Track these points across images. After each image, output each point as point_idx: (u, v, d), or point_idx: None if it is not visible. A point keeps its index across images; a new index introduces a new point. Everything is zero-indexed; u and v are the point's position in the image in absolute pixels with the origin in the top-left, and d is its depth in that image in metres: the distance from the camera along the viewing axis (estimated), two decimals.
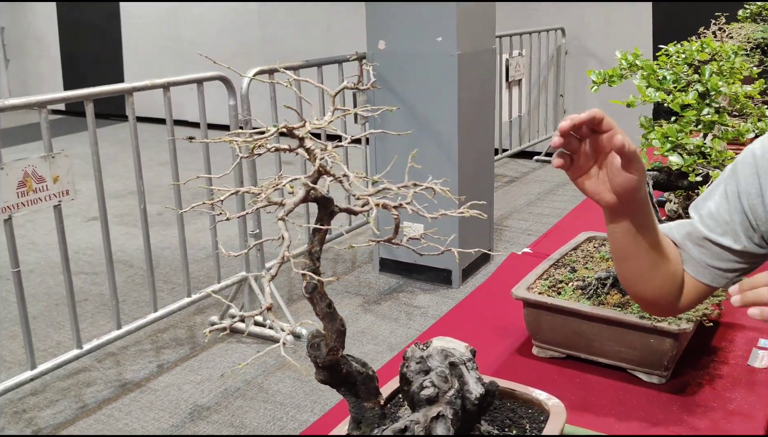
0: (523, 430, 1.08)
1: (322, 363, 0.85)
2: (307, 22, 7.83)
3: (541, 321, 1.62)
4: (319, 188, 0.78)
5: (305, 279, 0.78)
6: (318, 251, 0.79)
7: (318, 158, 0.71)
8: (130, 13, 9.12)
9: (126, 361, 3.27)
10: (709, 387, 1.53)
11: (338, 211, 0.80)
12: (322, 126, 0.73)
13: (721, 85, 1.69)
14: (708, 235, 1.15)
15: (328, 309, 0.81)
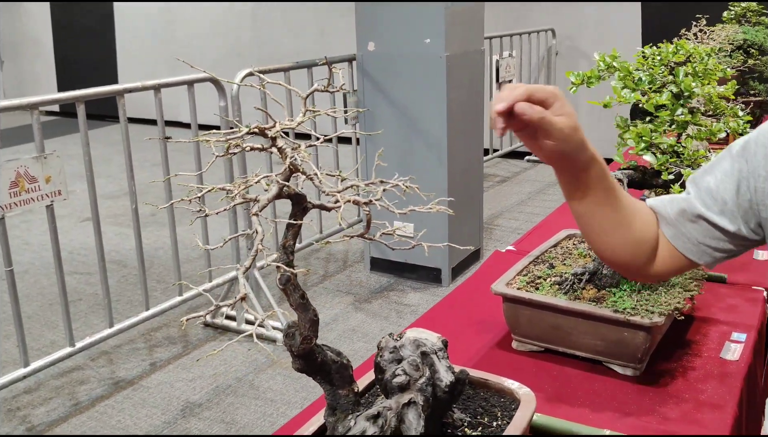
0: (494, 418, 1.12)
1: (297, 352, 0.90)
2: (299, 24, 7.88)
3: (519, 316, 1.67)
4: (292, 185, 0.82)
5: (279, 271, 0.83)
6: (291, 245, 0.84)
7: (288, 156, 0.76)
8: (124, 15, 9.16)
9: (119, 360, 3.31)
10: (682, 378, 1.58)
11: (311, 207, 0.85)
12: (292, 127, 0.77)
13: (694, 86, 1.74)
14: (704, 213, 1.12)
15: (302, 300, 0.86)
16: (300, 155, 0.75)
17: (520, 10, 6.65)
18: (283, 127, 0.77)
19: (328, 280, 4.16)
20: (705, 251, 1.16)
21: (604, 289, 1.63)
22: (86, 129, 2.88)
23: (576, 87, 1.85)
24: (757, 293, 1.94)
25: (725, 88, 1.81)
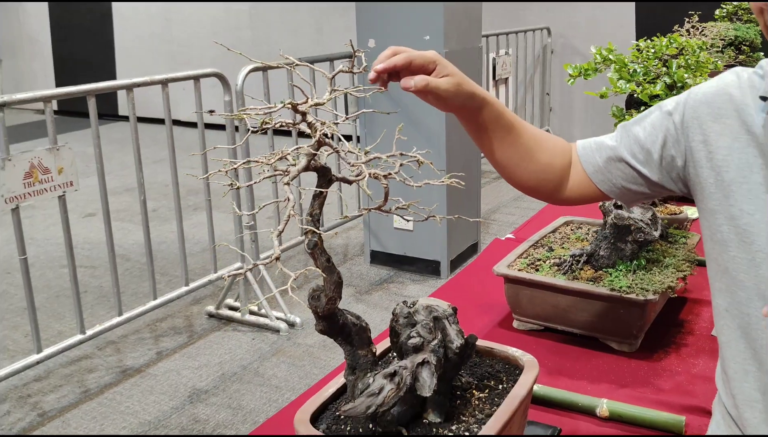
0: (500, 381, 1.21)
1: (322, 313, 0.97)
2: (297, 23, 7.96)
3: (520, 296, 1.75)
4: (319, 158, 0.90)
5: (307, 237, 0.91)
6: (318, 214, 0.92)
7: (318, 130, 0.84)
8: (122, 14, 9.22)
9: (126, 349, 3.38)
10: (675, 354, 1.67)
11: (335, 179, 0.93)
12: (323, 103, 0.85)
13: (686, 77, 1.83)
14: (629, 160, 1.19)
15: (327, 263, 0.93)
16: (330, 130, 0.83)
17: (516, 9, 6.74)
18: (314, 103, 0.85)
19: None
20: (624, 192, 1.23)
21: (600, 270, 1.71)
22: (96, 123, 2.95)
23: (573, 79, 1.94)
24: None
25: None
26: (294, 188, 0.84)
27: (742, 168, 1.06)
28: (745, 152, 1.07)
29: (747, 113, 1.08)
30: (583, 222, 2.06)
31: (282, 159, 0.91)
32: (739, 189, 1.07)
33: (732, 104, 1.09)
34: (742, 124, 1.08)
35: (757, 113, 1.07)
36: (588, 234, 1.97)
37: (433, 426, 1.08)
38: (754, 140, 1.06)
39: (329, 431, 1.08)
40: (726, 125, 1.09)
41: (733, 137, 1.08)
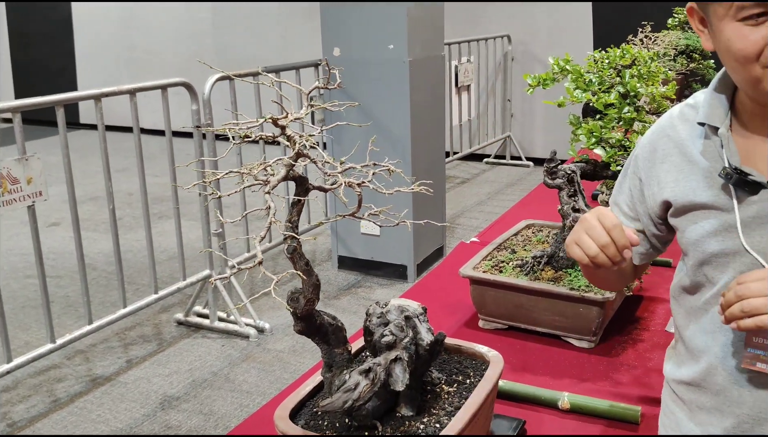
0: (467, 376, 1.28)
1: (301, 313, 1.03)
2: (262, 30, 7.98)
3: (485, 296, 1.83)
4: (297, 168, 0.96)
5: (287, 242, 0.97)
6: (296, 221, 0.98)
7: (297, 143, 0.90)
8: (82, 20, 9.13)
9: (95, 358, 3.39)
10: (632, 349, 1.76)
11: (312, 188, 0.99)
12: (300, 117, 0.92)
13: (639, 86, 1.93)
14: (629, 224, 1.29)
15: (306, 267, 1.00)
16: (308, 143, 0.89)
17: (477, 18, 6.87)
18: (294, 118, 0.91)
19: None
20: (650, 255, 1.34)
21: (561, 270, 1.80)
22: (65, 132, 2.96)
23: (533, 88, 2.03)
24: None
25: (667, 89, 2.00)
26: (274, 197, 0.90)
27: (688, 194, 1.18)
28: (689, 180, 1.18)
29: (686, 146, 1.20)
30: (544, 225, 2.15)
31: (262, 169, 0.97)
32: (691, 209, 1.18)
33: (672, 143, 1.21)
34: (684, 157, 1.19)
35: (694, 142, 1.19)
36: (548, 237, 2.05)
37: (405, 420, 1.15)
38: (695, 168, 1.18)
39: (307, 426, 1.14)
40: (671, 163, 1.21)
41: (678, 170, 1.20)
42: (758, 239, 1.11)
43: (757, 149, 1.14)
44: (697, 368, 1.21)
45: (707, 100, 1.18)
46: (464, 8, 6.83)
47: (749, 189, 1.12)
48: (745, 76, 1.07)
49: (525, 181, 6.43)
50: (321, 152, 0.91)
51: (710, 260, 1.16)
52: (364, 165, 0.96)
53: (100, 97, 3.00)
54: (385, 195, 1.10)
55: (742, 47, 1.04)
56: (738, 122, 1.17)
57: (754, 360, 1.13)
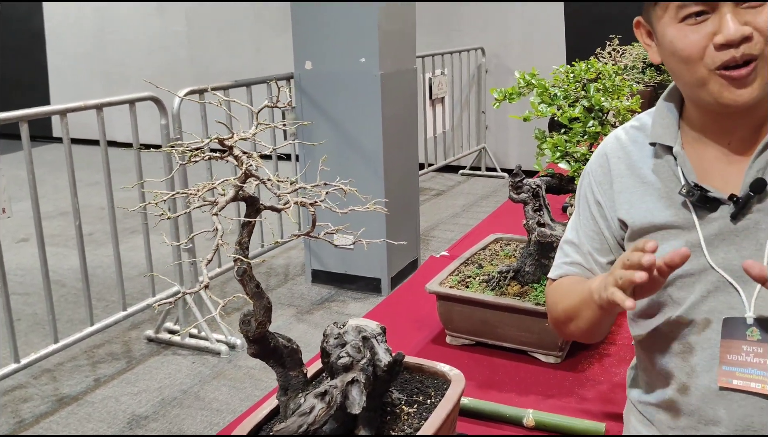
0: (428, 396, 1.26)
1: (253, 337, 1.01)
2: (235, 43, 7.95)
3: (452, 312, 1.81)
4: (246, 189, 0.94)
5: (236, 264, 0.95)
6: (246, 242, 0.96)
7: (244, 163, 0.88)
8: (54, 34, 9.05)
9: (62, 377, 3.32)
10: (598, 364, 1.76)
11: (263, 208, 0.97)
12: (248, 138, 0.90)
13: (603, 100, 1.93)
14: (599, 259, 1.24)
15: (257, 289, 0.97)
16: (255, 163, 0.87)
17: (451, 30, 6.89)
18: (240, 138, 0.89)
19: (269, 293, 4.22)
20: None
21: (527, 285, 1.79)
22: (29, 148, 2.92)
23: (499, 103, 2.03)
24: None
25: (631, 102, 2.01)
26: (223, 218, 0.88)
27: (645, 216, 1.16)
28: (644, 201, 1.17)
29: (637, 167, 1.19)
30: (512, 239, 2.15)
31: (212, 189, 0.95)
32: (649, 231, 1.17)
33: (622, 164, 1.21)
34: (637, 178, 1.19)
35: (645, 162, 1.18)
36: (516, 251, 2.05)
37: None
38: (650, 188, 1.17)
39: None
40: (622, 183, 1.20)
41: (631, 192, 1.19)
42: (723, 255, 1.10)
43: (712, 165, 1.13)
44: (668, 391, 1.19)
45: (656, 120, 1.18)
46: (438, 21, 6.85)
47: (709, 206, 1.11)
48: (691, 80, 1.06)
49: (500, 192, 6.45)
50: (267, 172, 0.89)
51: (674, 282, 1.14)
52: (315, 185, 0.94)
53: (65, 113, 2.96)
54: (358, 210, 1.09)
55: (684, 47, 1.03)
56: (687, 140, 1.16)
57: (730, 377, 1.11)
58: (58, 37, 9.03)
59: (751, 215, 1.09)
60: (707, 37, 1.01)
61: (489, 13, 6.76)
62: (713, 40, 1.01)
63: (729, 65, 1.01)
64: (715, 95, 1.04)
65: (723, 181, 1.11)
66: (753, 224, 1.09)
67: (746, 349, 1.12)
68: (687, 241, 1.13)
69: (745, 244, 1.09)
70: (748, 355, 1.12)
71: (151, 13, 8.33)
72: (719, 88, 1.03)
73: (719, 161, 1.13)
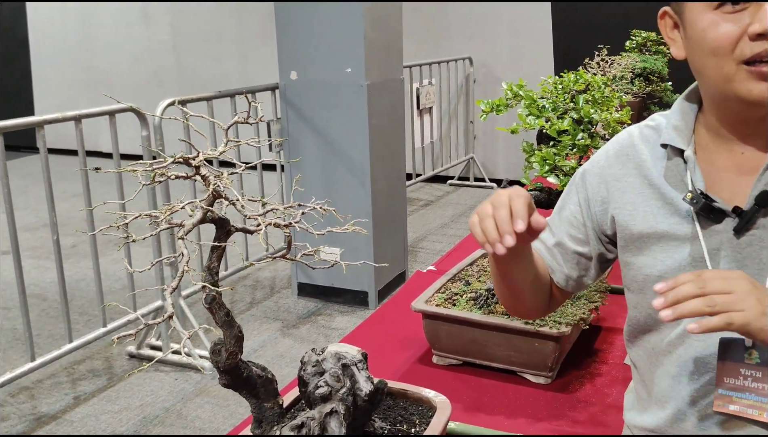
0: (413, 425, 1.20)
1: (224, 367, 0.95)
2: (221, 52, 7.89)
3: (438, 331, 1.75)
4: (216, 210, 0.88)
5: (205, 291, 0.89)
6: (216, 267, 0.90)
7: (211, 183, 0.82)
8: (39, 43, 8.95)
9: (41, 394, 3.24)
10: (590, 384, 1.70)
11: (234, 230, 0.91)
12: (215, 156, 0.84)
13: (593, 112, 1.89)
14: (575, 248, 1.23)
15: (227, 318, 0.91)
16: (222, 182, 0.82)
17: (439, 39, 6.86)
18: (206, 156, 0.83)
19: (255, 307, 4.17)
20: (580, 282, 1.28)
21: None
22: (4, 160, 2.84)
23: (486, 114, 1.97)
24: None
25: (621, 114, 1.96)
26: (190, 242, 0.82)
27: (647, 220, 1.11)
28: (648, 205, 1.12)
29: (646, 168, 1.13)
30: None
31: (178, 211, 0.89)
32: (649, 240, 1.11)
33: (631, 163, 1.15)
34: (643, 179, 1.13)
35: (655, 164, 1.13)
36: None
37: None
38: (656, 192, 1.11)
39: None
40: (628, 182, 1.15)
41: (636, 193, 1.13)
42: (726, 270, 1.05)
43: (721, 175, 1.08)
44: (662, 414, 1.14)
45: (670, 122, 1.12)
46: (425, 30, 6.82)
47: (714, 217, 1.05)
48: (717, 75, 1.00)
49: None
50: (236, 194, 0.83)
51: None
52: (288, 207, 0.88)
53: (43, 124, 2.89)
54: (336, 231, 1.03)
55: (715, 36, 0.98)
56: (700, 146, 1.11)
57: (726, 401, 1.06)
58: (43, 45, 8.93)
59: (755, 231, 1.04)
60: (742, 28, 0.96)
61: (477, 22, 6.73)
62: (748, 30, 0.95)
63: (758, 60, 0.96)
64: (742, 90, 0.98)
65: (731, 193, 1.06)
66: (757, 240, 1.03)
67: (744, 373, 1.07)
68: (689, 254, 1.07)
69: (747, 262, 1.04)
70: (746, 379, 1.07)
71: (136, 21, 8.26)
72: (747, 83, 0.97)
73: (729, 171, 1.07)
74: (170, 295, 0.80)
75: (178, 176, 0.86)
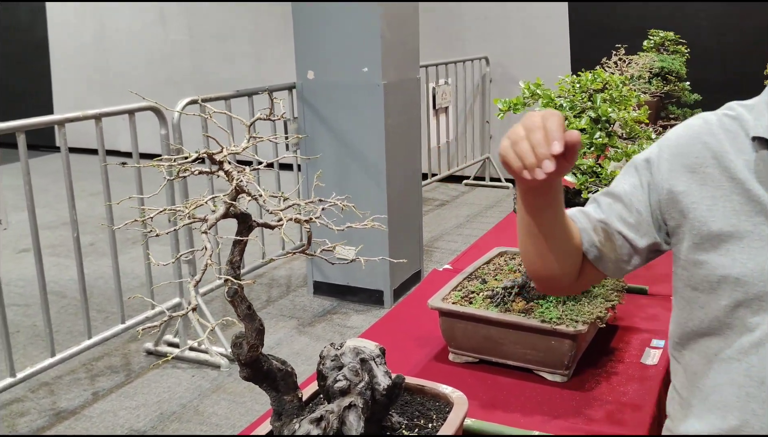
0: (430, 420, 1.21)
1: (245, 360, 0.96)
2: (237, 53, 7.94)
3: (454, 329, 1.76)
4: (238, 205, 0.90)
5: (228, 285, 0.90)
6: (238, 261, 0.91)
7: (235, 178, 0.84)
8: (58, 45, 9.05)
9: (60, 390, 3.28)
10: (606, 383, 1.70)
11: (255, 225, 0.92)
12: (238, 152, 0.85)
13: (610, 111, 1.89)
14: (621, 229, 1.15)
15: (248, 311, 0.93)
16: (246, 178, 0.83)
17: (455, 40, 6.86)
18: (229, 152, 0.84)
19: (271, 305, 4.20)
20: (618, 266, 1.20)
21: (532, 301, 1.74)
22: (26, 158, 2.88)
23: (503, 113, 1.98)
24: None
25: (639, 113, 1.96)
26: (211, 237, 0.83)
27: (728, 217, 1.03)
28: (729, 200, 1.03)
29: (727, 160, 1.05)
30: (516, 253, 2.09)
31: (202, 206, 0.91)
32: (728, 238, 1.03)
33: (709, 152, 1.06)
34: (723, 171, 1.05)
35: (737, 156, 1.04)
36: (521, 265, 2.00)
37: None
38: (739, 187, 1.03)
39: None
40: (706, 174, 1.06)
41: (715, 186, 1.05)
42: None
43: None
44: (723, 425, 1.07)
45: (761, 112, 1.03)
46: (442, 30, 6.82)
47: None
48: None
49: (504, 203, 6.40)
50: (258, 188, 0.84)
51: (750, 303, 1.01)
52: (309, 201, 0.90)
53: (63, 123, 2.92)
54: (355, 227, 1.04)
55: None
56: None
57: None
58: (62, 48, 9.03)
59: None
60: None
61: (493, 22, 6.72)
62: None
63: None
64: None
65: None
66: None
67: None
68: None
69: None
70: None
71: (153, 22, 8.32)
72: None
73: None
74: (193, 287, 0.81)
75: (202, 171, 0.87)
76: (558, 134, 0.92)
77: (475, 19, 6.78)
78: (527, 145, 0.93)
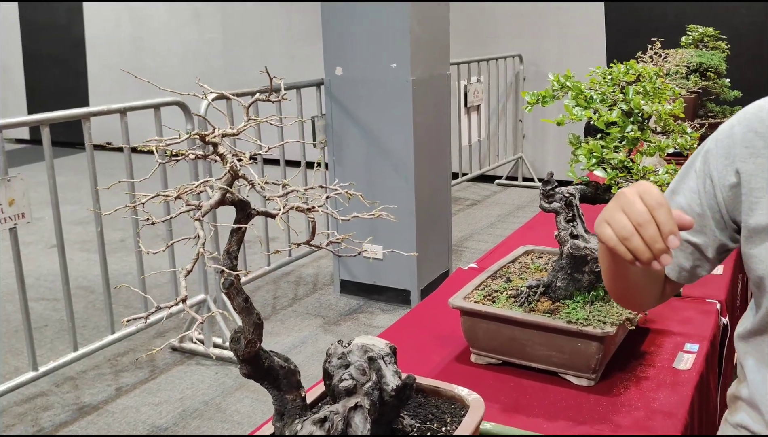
0: (444, 423, 1.14)
1: (243, 356, 0.91)
2: (269, 52, 7.94)
3: (477, 329, 1.69)
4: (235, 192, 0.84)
5: (223, 276, 0.85)
6: (235, 251, 0.86)
7: (228, 161, 0.78)
8: (94, 43, 9.16)
9: (84, 385, 3.28)
10: (635, 388, 1.62)
11: (255, 214, 0.87)
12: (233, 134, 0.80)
13: (643, 104, 1.80)
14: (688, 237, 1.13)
15: (245, 304, 0.87)
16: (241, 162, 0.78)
17: (488, 37, 6.77)
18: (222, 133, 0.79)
19: (297, 303, 4.16)
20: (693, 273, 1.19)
21: (558, 301, 1.66)
22: (51, 153, 2.88)
23: (531, 106, 1.90)
24: (710, 305, 1.99)
25: (674, 106, 1.87)
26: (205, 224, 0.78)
27: None
28: None
29: None
30: (543, 251, 2.02)
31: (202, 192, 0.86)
32: None
33: (760, 140, 1.03)
34: None
35: None
36: (547, 264, 1.92)
37: None
38: None
39: None
40: (757, 164, 1.03)
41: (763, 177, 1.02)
42: None
43: None
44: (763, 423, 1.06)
45: None
46: (474, 27, 6.74)
47: None
48: None
49: (537, 203, 6.28)
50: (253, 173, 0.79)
51: None
52: (308, 188, 0.84)
53: (88, 116, 2.92)
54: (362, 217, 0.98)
55: None
56: None
57: None
58: (98, 46, 9.13)
59: None
60: None
61: (526, 20, 6.62)
62: None
63: None
64: None
65: None
66: None
67: None
68: None
69: None
70: None
71: (187, 21, 8.37)
72: None
73: None
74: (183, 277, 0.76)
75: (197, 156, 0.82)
76: (673, 226, 0.86)
77: (510, 16, 6.68)
78: (639, 240, 0.88)
